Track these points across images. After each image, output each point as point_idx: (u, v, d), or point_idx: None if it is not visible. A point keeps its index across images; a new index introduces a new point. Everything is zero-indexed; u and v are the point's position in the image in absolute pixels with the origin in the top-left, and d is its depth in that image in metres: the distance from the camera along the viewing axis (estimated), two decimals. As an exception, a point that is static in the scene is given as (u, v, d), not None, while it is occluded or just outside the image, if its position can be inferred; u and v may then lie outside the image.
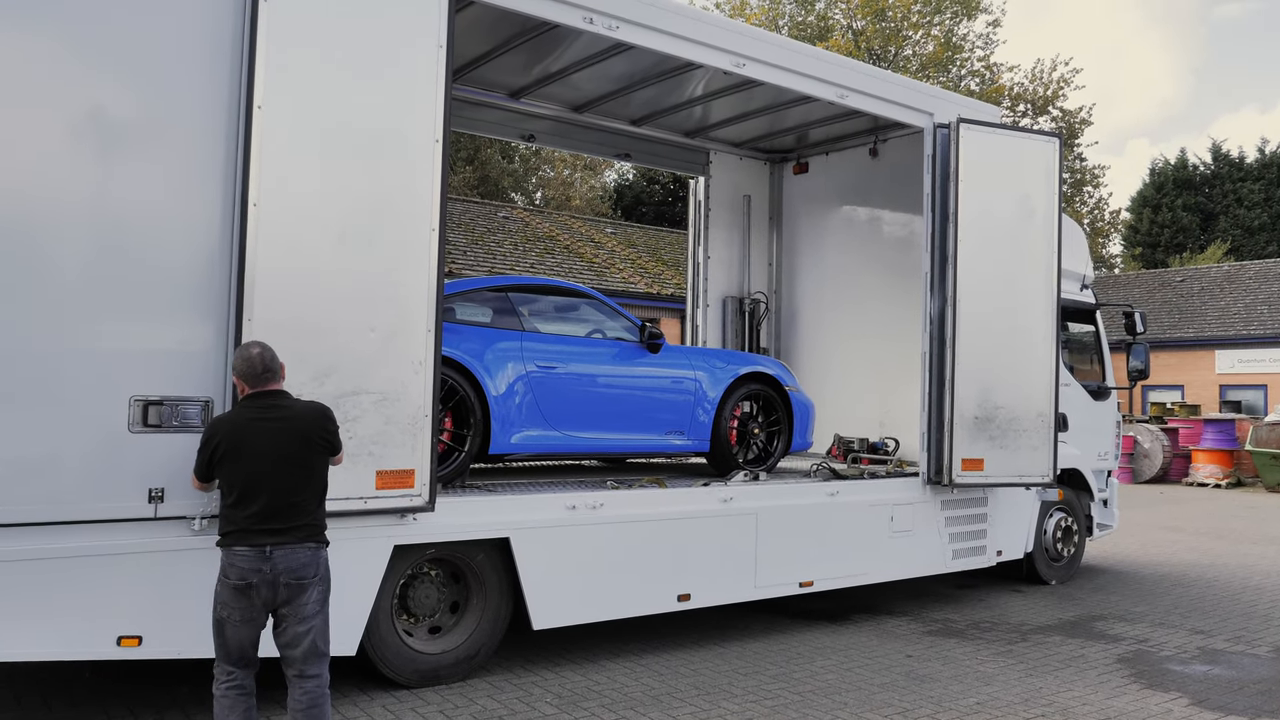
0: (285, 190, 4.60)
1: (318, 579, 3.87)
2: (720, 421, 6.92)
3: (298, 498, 3.86)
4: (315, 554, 3.87)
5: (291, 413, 3.95)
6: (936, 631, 7.11)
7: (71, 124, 4.28)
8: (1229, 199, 40.43)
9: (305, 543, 3.85)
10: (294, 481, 3.87)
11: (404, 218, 4.94)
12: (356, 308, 4.79)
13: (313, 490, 3.93)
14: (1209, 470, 20.83)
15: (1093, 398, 9.39)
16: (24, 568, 4.17)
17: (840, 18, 35.62)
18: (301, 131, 4.65)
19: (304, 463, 3.90)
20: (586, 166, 38.63)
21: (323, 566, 3.90)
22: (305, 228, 4.66)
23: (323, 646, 3.89)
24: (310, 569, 3.84)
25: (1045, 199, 7.67)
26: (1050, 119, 35.82)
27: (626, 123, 8.70)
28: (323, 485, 3.98)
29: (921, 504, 7.52)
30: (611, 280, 19.95)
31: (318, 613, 3.86)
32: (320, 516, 3.95)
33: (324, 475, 3.99)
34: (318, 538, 3.91)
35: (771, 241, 9.95)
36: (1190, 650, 6.77)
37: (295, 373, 4.47)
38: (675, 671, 5.90)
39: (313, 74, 4.67)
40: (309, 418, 3.96)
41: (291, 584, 3.81)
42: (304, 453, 3.90)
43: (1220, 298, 27.94)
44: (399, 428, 4.88)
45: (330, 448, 4.00)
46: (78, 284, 4.27)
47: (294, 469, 3.87)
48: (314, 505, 3.92)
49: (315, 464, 3.94)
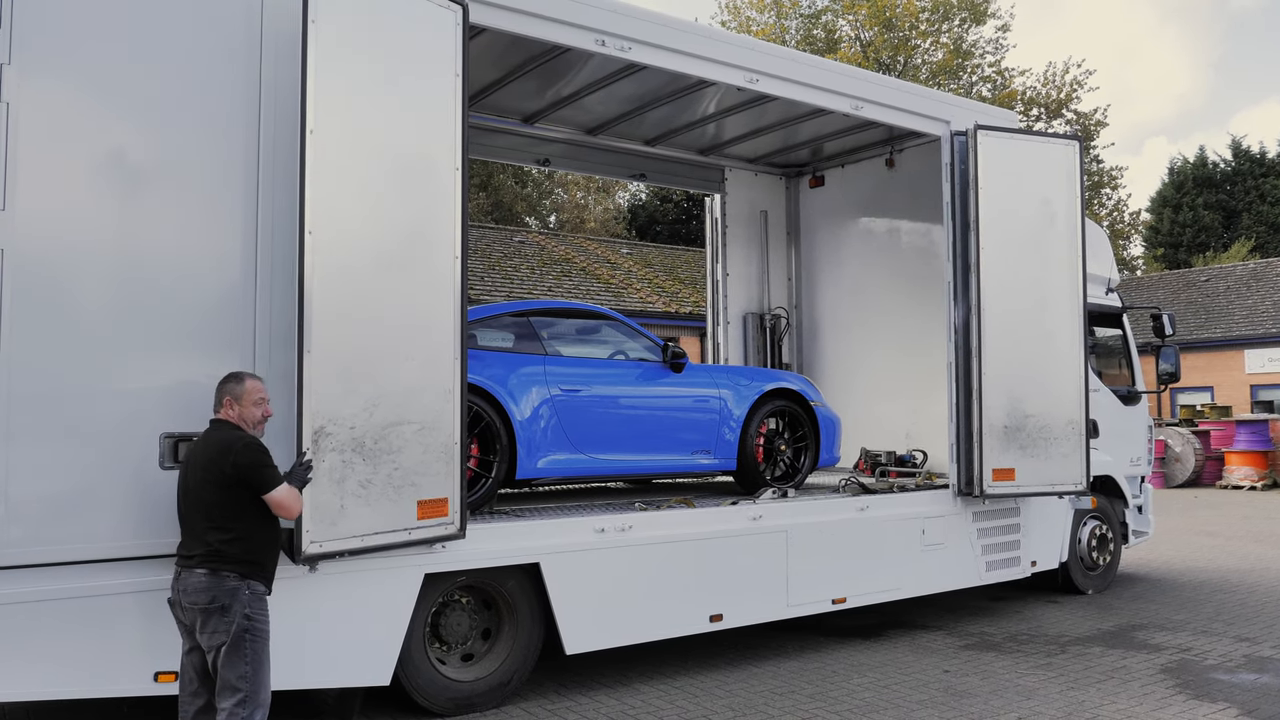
0: (333, 219, 4.57)
1: (217, 608, 3.82)
2: (746, 439, 6.87)
3: (195, 525, 3.91)
4: (211, 581, 3.82)
5: (202, 443, 4.03)
6: (973, 645, 7.00)
7: (97, 163, 4.36)
8: (1251, 195, 39.96)
9: (199, 569, 3.85)
10: (191, 509, 3.95)
11: (432, 245, 4.95)
12: (397, 336, 4.78)
13: (211, 522, 3.87)
14: (1243, 472, 20.50)
15: (1123, 403, 9.26)
16: (61, 606, 4.21)
17: (848, 29, 35.67)
18: (345, 158, 4.62)
19: (198, 492, 3.92)
20: (600, 188, 38.80)
21: (224, 595, 3.83)
22: (352, 256, 4.65)
23: (234, 681, 3.82)
24: (204, 596, 3.82)
25: (1067, 203, 7.60)
26: (1064, 122, 35.64)
27: (640, 143, 8.72)
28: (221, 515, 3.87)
29: (953, 516, 7.42)
30: (629, 300, 19.96)
31: (223, 644, 3.82)
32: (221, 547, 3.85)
33: (220, 505, 3.88)
34: (214, 565, 3.84)
35: (790, 256, 9.92)
36: (1236, 658, 6.62)
37: (347, 404, 4.49)
38: (709, 693, 5.83)
39: (351, 101, 4.65)
40: (205, 450, 3.96)
41: (189, 608, 3.87)
42: (198, 482, 3.92)
43: (1247, 296, 27.57)
44: (434, 456, 4.87)
45: (219, 480, 3.87)
46: (105, 321, 4.33)
47: (193, 496, 3.94)
48: (213, 536, 3.86)
49: (205, 494, 3.89)
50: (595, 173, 9.38)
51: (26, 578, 4.15)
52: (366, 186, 4.70)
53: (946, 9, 34.70)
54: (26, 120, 4.17)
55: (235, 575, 3.86)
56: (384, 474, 4.65)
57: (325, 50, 4.50)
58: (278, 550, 4.13)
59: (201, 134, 4.56)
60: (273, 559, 4.07)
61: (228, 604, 3.83)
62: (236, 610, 3.83)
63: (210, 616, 3.83)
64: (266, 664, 3.94)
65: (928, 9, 34.54)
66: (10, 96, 4.13)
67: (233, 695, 3.82)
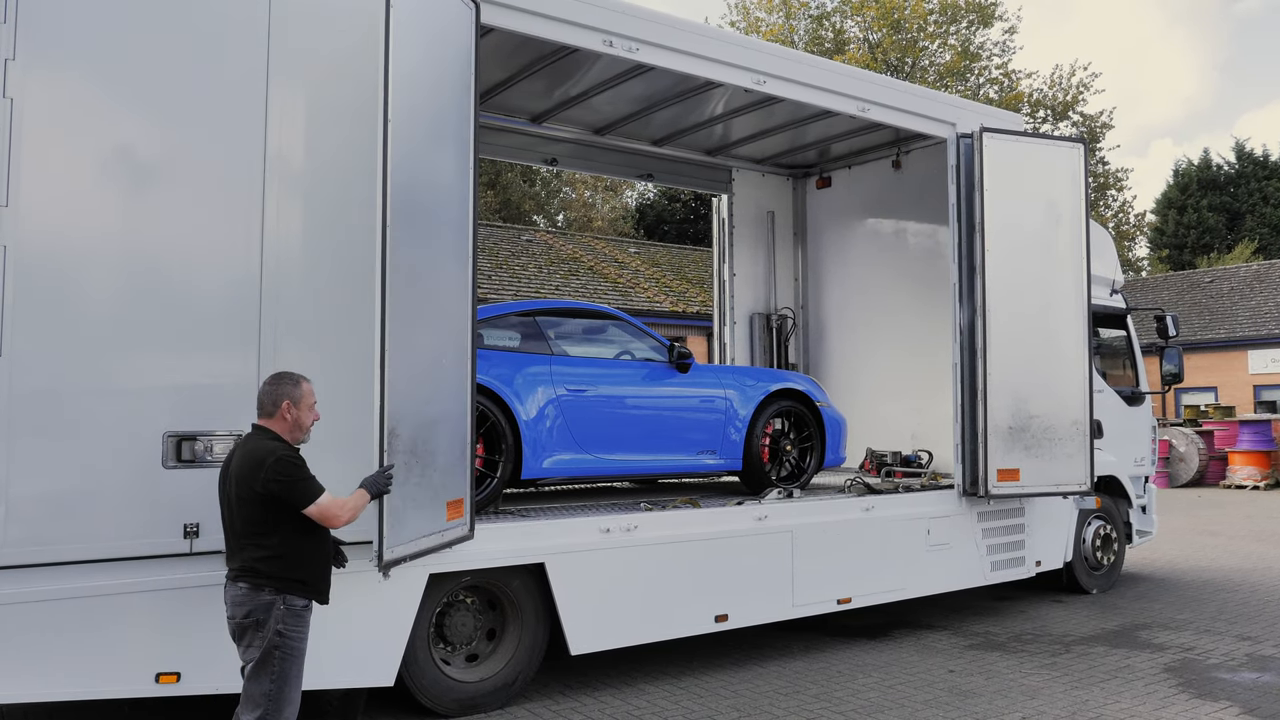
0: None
1: (251, 623, 3.75)
2: (752, 439, 6.89)
3: (234, 537, 3.86)
4: (248, 596, 3.76)
5: (240, 453, 3.89)
6: (978, 645, 7.01)
7: (102, 159, 4.35)
8: (1255, 197, 39.91)
9: (240, 582, 3.80)
10: (231, 520, 3.87)
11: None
12: (442, 332, 4.78)
13: (251, 535, 3.80)
14: (1246, 472, 20.49)
15: (1127, 403, 9.27)
16: (61, 607, 4.20)
17: (856, 31, 35.63)
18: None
19: (238, 507, 3.83)
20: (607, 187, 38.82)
21: (260, 611, 3.75)
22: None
23: (256, 696, 3.73)
24: (240, 610, 3.77)
25: (1072, 205, 7.60)
26: (1070, 124, 35.59)
27: (648, 143, 8.73)
28: (257, 530, 3.78)
29: (958, 516, 7.44)
30: (636, 300, 19.97)
31: (252, 660, 3.75)
32: (258, 562, 3.77)
33: (255, 520, 3.79)
34: (251, 579, 3.77)
35: (797, 257, 9.93)
36: (1238, 657, 6.63)
37: (407, 405, 4.42)
38: (714, 693, 5.85)
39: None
40: (241, 464, 3.83)
41: (231, 619, 3.82)
42: (235, 495, 3.83)
43: (1251, 297, 27.53)
44: (454, 457, 4.88)
45: (251, 496, 3.76)
46: (109, 318, 4.32)
47: (233, 509, 3.86)
48: (251, 549, 3.79)
49: (241, 508, 3.80)
50: (603, 173, 9.41)
51: (27, 577, 4.13)
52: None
53: (954, 11, 34.65)
54: (31, 116, 4.16)
55: (271, 589, 3.77)
56: (428, 475, 4.64)
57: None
58: (323, 562, 3.99)
59: (207, 129, 4.55)
60: (316, 572, 3.94)
61: (262, 619, 3.75)
62: (270, 626, 3.75)
63: (245, 631, 3.78)
64: (294, 682, 3.82)
65: (935, 11, 34.49)
66: (15, 92, 4.13)
67: (253, 711, 3.74)
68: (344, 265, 4.83)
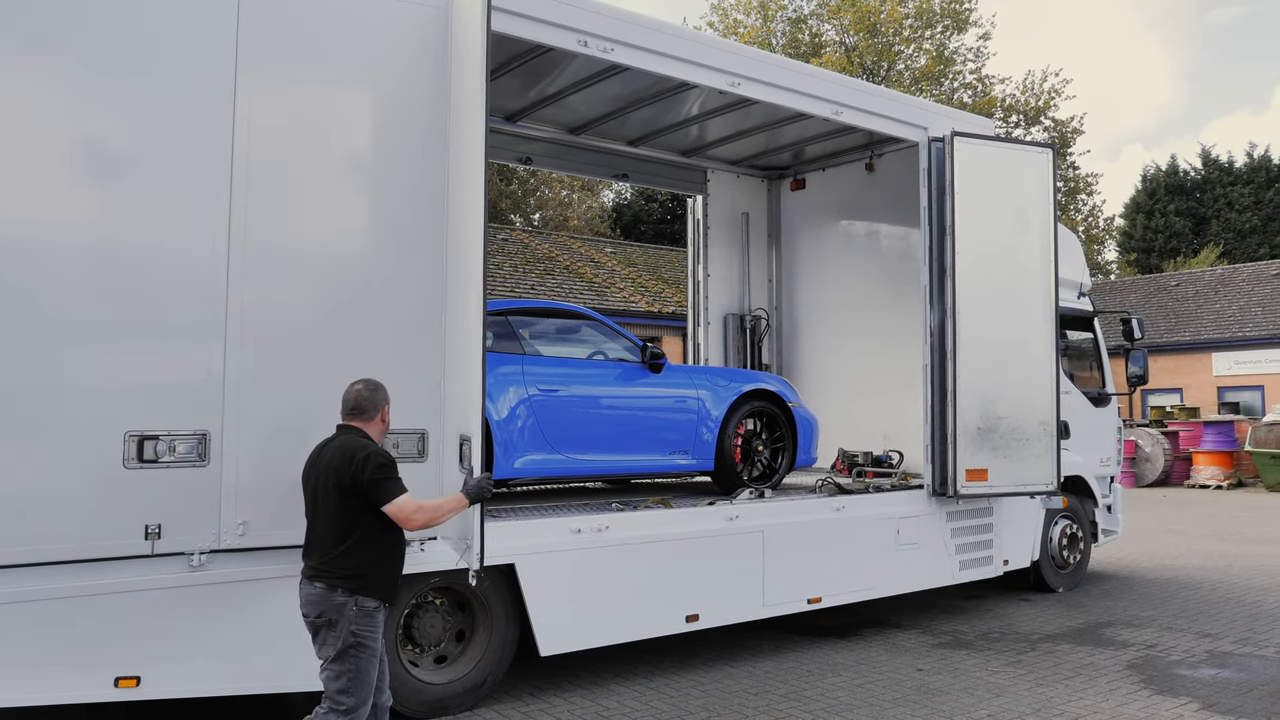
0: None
1: (325, 622, 3.82)
2: (724, 440, 6.92)
3: (317, 534, 3.93)
4: (322, 596, 3.83)
5: (329, 449, 3.97)
6: (946, 644, 7.08)
7: (65, 151, 4.26)
8: (1220, 203, 40.59)
9: (316, 581, 3.86)
10: (317, 517, 3.94)
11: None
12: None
13: (331, 530, 3.87)
14: (1210, 472, 20.83)
15: (1093, 404, 9.40)
16: (17, 610, 4.11)
17: (833, 34, 35.84)
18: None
19: (322, 501, 3.91)
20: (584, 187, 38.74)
21: (332, 610, 3.82)
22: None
23: (333, 693, 3.81)
24: (314, 609, 3.84)
25: (1040, 209, 7.70)
26: (1042, 129, 35.99)
27: (623, 143, 8.74)
28: (340, 530, 3.86)
29: (927, 516, 7.51)
30: (612, 300, 19.97)
31: (332, 658, 3.82)
32: (335, 562, 3.84)
33: (341, 520, 3.86)
34: (327, 578, 3.84)
35: (771, 258, 9.98)
36: (1199, 654, 6.75)
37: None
38: (685, 693, 5.87)
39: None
40: (334, 456, 3.91)
41: (305, 617, 3.90)
42: (323, 491, 3.90)
43: (1215, 301, 28.01)
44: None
45: (340, 489, 3.84)
46: (70, 316, 4.23)
47: (318, 505, 3.93)
48: (329, 546, 3.86)
49: (331, 504, 3.87)
50: (578, 172, 9.39)
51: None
52: None
53: (929, 16, 34.94)
54: None
55: (344, 590, 3.83)
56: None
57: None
58: (396, 564, 4.04)
59: (172, 124, 4.48)
60: (389, 572, 3.99)
61: (335, 619, 3.82)
62: (343, 626, 3.81)
63: (319, 630, 3.86)
64: (369, 678, 3.89)
65: (911, 16, 34.77)
66: None
67: (332, 705, 3.83)
68: (312, 263, 4.80)
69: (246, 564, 4.60)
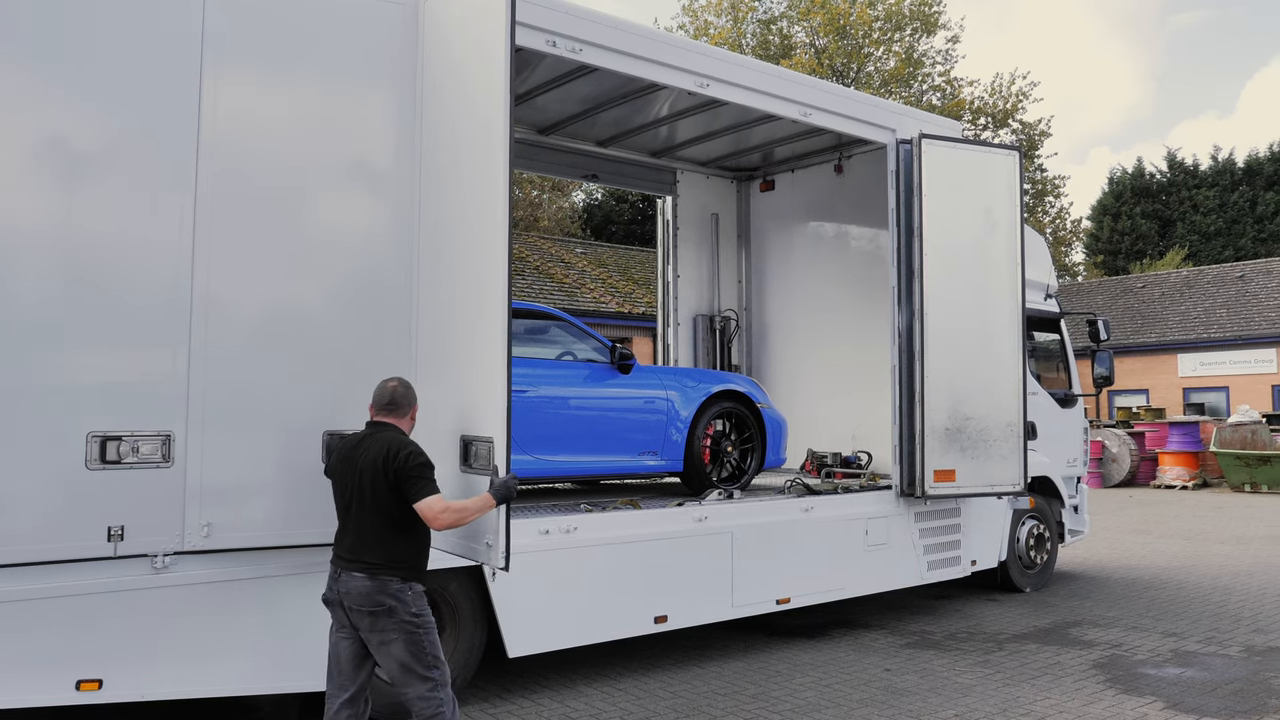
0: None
1: (384, 610, 3.89)
2: (693, 440, 6.91)
3: (363, 527, 3.96)
4: (376, 585, 3.88)
5: (370, 444, 4.02)
6: (914, 644, 7.12)
7: (27, 148, 4.21)
8: (1185, 206, 41.28)
9: (361, 572, 3.90)
10: (361, 512, 3.97)
11: None
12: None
13: (382, 523, 3.94)
14: (1176, 472, 21.12)
15: (1060, 405, 9.50)
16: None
17: (803, 36, 36.03)
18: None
19: (370, 495, 3.95)
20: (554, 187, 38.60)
21: (389, 598, 3.89)
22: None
23: (415, 666, 3.92)
24: (369, 600, 3.88)
25: (1007, 211, 7.76)
26: (1010, 132, 36.39)
27: (593, 144, 8.72)
28: (388, 521, 3.95)
29: (895, 517, 7.55)
30: (583, 300, 19.93)
31: (394, 639, 3.89)
32: (388, 551, 3.93)
33: (389, 512, 3.95)
34: (381, 571, 3.91)
35: (740, 259, 9.99)
36: (1164, 653, 6.83)
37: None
38: (653, 694, 5.86)
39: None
40: (377, 451, 3.98)
41: (356, 610, 3.91)
42: (370, 485, 3.95)
43: (1180, 303, 28.46)
44: None
45: (388, 484, 3.93)
46: (32, 315, 4.17)
47: (364, 500, 3.96)
48: (381, 537, 3.94)
49: (381, 498, 3.94)
50: (547, 172, 9.37)
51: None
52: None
53: (899, 19, 35.22)
54: None
55: (398, 578, 3.92)
56: None
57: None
58: (429, 550, 4.18)
59: (138, 122, 4.43)
60: (427, 557, 4.15)
61: (393, 606, 3.89)
62: (402, 611, 3.89)
63: (378, 618, 3.89)
64: (439, 649, 4.01)
65: (880, 18, 35.02)
66: None
67: (423, 683, 3.92)
68: (278, 262, 4.75)
69: (211, 566, 4.56)
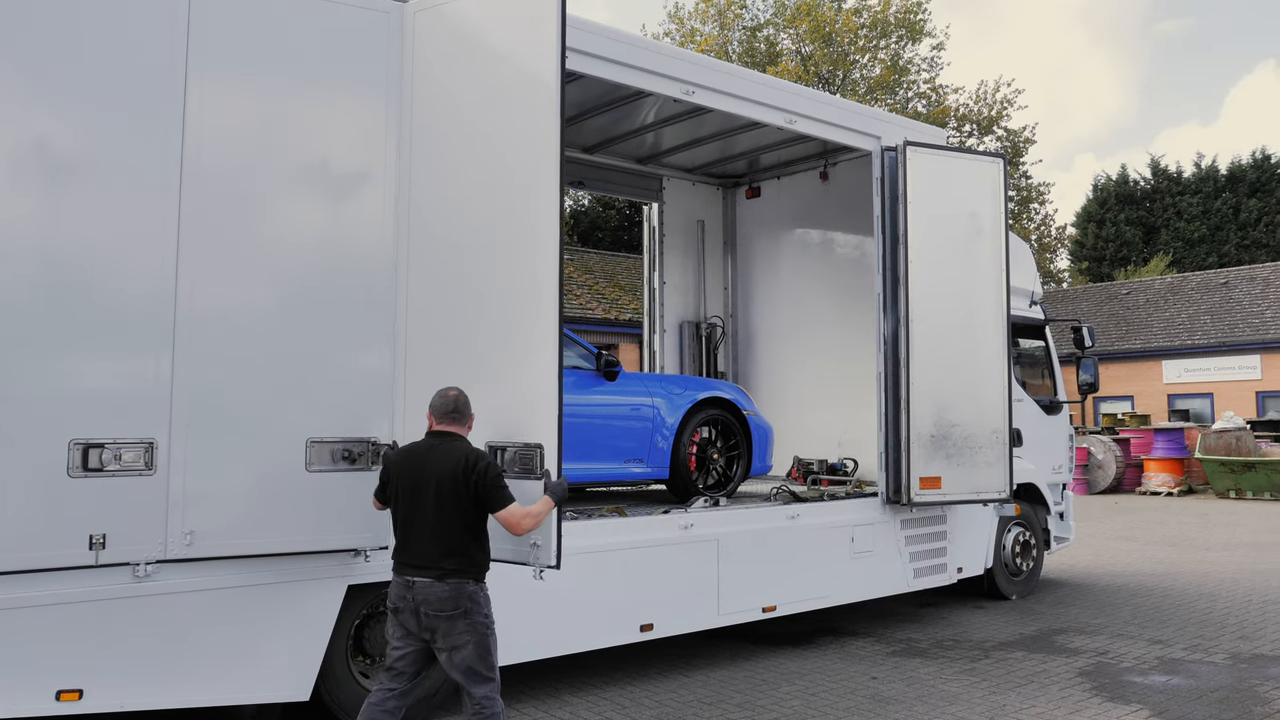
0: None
1: (460, 613, 3.99)
2: (679, 448, 6.89)
3: (438, 534, 4.02)
4: (454, 590, 3.98)
5: (438, 454, 4.08)
6: (900, 652, 7.11)
7: (8, 153, 4.16)
8: (1169, 212, 41.58)
9: (444, 579, 3.98)
10: (438, 519, 4.03)
11: None
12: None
13: (458, 529, 4.03)
14: (1161, 479, 21.21)
15: (1045, 412, 9.52)
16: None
17: (789, 43, 36.17)
18: None
19: (443, 504, 4.02)
20: (541, 193, 38.55)
21: (466, 600, 4.00)
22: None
23: (481, 669, 4.02)
24: (449, 604, 3.97)
25: (992, 218, 7.79)
26: (995, 139, 36.62)
27: (579, 150, 8.70)
28: (465, 528, 4.04)
29: (881, 524, 7.54)
30: (569, 306, 19.90)
31: (467, 641, 4.00)
32: (465, 557, 4.03)
33: (467, 518, 4.05)
34: (458, 576, 4.00)
35: (726, 266, 9.99)
36: (1149, 661, 6.84)
37: None
38: (639, 704, 5.82)
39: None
40: (447, 461, 4.04)
41: (431, 615, 3.99)
42: (445, 494, 4.02)
43: (1165, 309, 28.63)
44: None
45: (467, 493, 4.01)
46: (13, 320, 4.12)
47: (438, 508, 4.02)
48: (459, 543, 4.03)
49: (457, 506, 4.02)
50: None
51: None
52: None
53: (884, 26, 35.41)
54: None
55: (474, 581, 4.05)
56: None
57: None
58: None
59: (121, 125, 4.39)
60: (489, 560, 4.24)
61: (469, 608, 4.01)
62: (476, 613, 4.02)
63: (455, 622, 3.99)
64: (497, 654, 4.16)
65: (866, 26, 35.21)
66: None
67: (486, 684, 4.04)
68: (264, 269, 4.71)
69: (194, 574, 4.52)
